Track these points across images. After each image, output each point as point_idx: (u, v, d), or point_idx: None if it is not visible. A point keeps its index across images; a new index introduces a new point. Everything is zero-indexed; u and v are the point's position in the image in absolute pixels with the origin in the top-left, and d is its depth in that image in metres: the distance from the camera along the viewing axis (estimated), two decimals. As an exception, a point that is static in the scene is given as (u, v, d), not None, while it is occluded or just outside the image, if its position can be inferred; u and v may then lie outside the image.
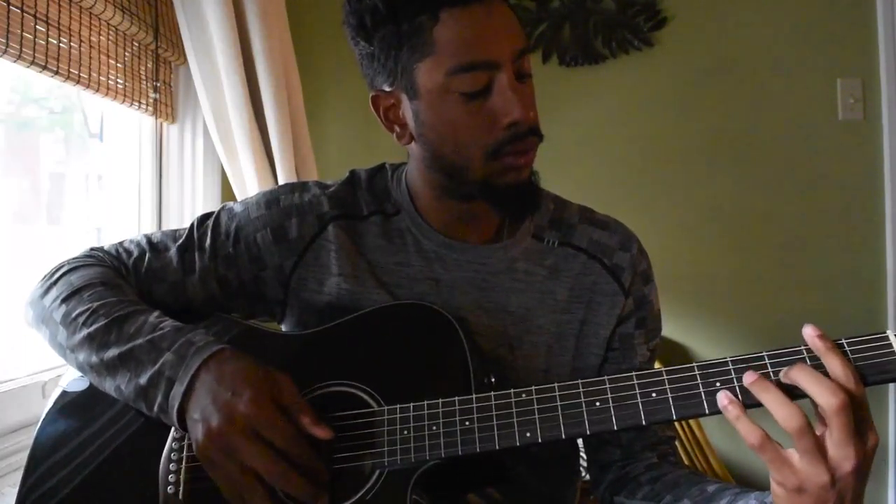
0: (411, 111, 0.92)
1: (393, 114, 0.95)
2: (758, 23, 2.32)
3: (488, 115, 0.88)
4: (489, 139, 0.89)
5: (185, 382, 0.80)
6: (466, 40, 0.86)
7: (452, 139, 0.90)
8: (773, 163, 2.32)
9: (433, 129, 0.91)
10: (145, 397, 0.83)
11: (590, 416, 0.77)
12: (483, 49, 0.86)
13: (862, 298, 2.29)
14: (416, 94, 0.90)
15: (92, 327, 0.87)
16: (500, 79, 0.87)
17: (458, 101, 0.88)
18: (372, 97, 0.96)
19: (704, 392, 0.75)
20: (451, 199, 0.98)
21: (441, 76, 0.87)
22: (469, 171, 0.92)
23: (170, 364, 0.82)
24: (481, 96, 0.88)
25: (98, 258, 1.00)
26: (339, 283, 0.98)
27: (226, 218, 1.03)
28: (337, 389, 0.88)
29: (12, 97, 1.62)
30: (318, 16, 2.27)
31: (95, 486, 0.89)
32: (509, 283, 1.00)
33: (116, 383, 0.85)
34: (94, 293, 0.91)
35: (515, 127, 0.88)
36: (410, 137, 0.95)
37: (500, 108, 0.88)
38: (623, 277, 1.02)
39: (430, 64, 0.87)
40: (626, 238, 1.05)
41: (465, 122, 0.89)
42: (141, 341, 0.84)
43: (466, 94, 0.87)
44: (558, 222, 1.05)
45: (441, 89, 0.88)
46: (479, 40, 0.86)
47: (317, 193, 1.03)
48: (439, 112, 0.89)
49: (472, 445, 0.79)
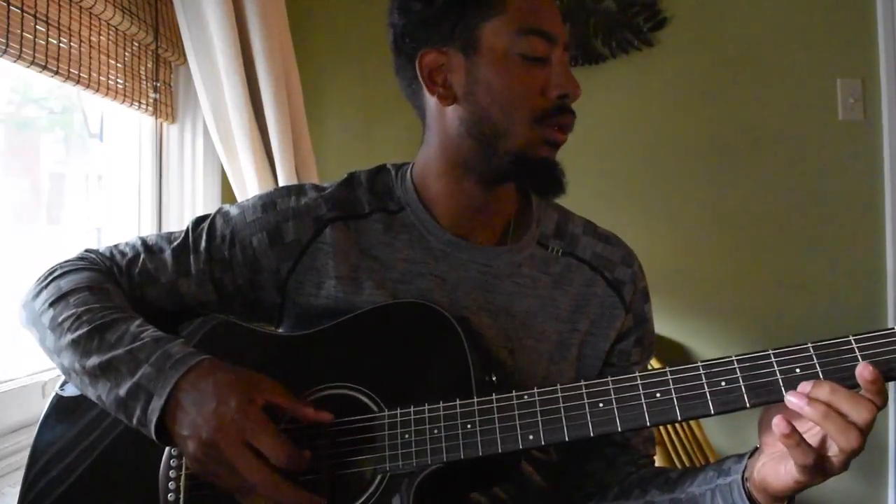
0: (465, 70, 0.94)
1: (439, 74, 0.95)
2: (758, 23, 2.31)
3: (542, 81, 0.93)
4: (538, 105, 0.93)
5: (164, 397, 0.79)
6: (537, 8, 0.93)
7: (503, 99, 0.93)
8: (773, 163, 2.31)
9: (486, 87, 0.93)
10: (125, 409, 0.82)
11: (593, 417, 0.77)
12: (549, 21, 0.93)
13: (862, 298, 2.29)
14: (476, 51, 0.93)
15: (75, 333, 0.86)
16: (557, 53, 0.94)
17: (518, 62, 0.92)
18: (421, 55, 0.95)
19: (709, 392, 0.74)
20: (470, 181, 0.98)
21: (508, 36, 0.92)
22: (509, 137, 0.94)
23: (147, 377, 0.81)
24: (540, 62, 0.93)
25: (91, 261, 0.99)
26: (335, 286, 0.97)
27: (221, 221, 1.02)
28: (336, 392, 0.87)
29: (12, 97, 1.62)
30: (318, 16, 2.26)
31: (95, 492, 0.89)
32: (513, 286, 0.99)
33: (98, 392, 0.84)
34: (79, 298, 0.90)
35: (564, 100, 0.94)
36: (454, 99, 0.95)
37: (555, 79, 0.93)
38: (624, 292, 1.02)
39: (499, 23, 0.92)
40: (627, 254, 1.06)
41: (520, 84, 0.92)
42: (121, 351, 0.83)
43: (528, 58, 0.92)
44: (563, 232, 1.05)
45: (505, 48, 0.92)
46: (546, 12, 0.94)
47: (314, 196, 1.02)
48: (497, 70, 0.93)
49: (475, 449, 0.79)
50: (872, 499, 2.26)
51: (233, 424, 0.76)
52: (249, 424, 0.76)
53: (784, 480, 0.74)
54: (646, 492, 0.93)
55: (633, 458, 1.01)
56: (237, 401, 0.77)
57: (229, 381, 0.80)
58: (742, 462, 0.81)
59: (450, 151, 0.98)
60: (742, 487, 0.80)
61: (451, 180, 0.99)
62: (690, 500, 0.87)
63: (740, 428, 2.20)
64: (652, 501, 0.92)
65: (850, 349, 0.72)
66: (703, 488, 0.86)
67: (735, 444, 2.19)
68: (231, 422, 0.76)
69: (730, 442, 2.21)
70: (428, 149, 1.01)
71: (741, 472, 0.81)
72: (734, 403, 0.73)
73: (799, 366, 0.73)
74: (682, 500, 0.88)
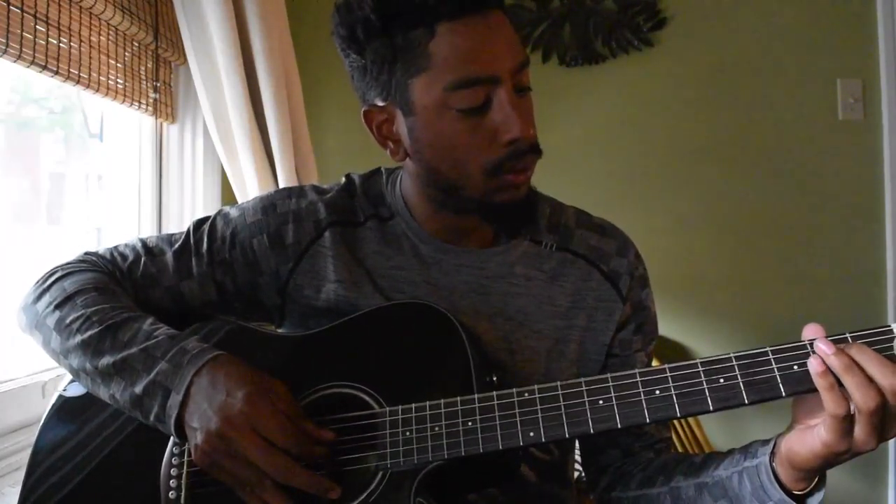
0: (406, 127, 0.90)
1: (387, 129, 0.93)
2: (758, 23, 2.32)
3: (487, 131, 0.86)
4: (488, 156, 0.87)
5: (182, 391, 0.80)
6: (464, 55, 0.83)
7: (449, 156, 0.89)
8: (773, 163, 2.32)
9: (429, 146, 0.89)
10: (140, 406, 0.82)
11: (593, 414, 0.77)
12: (482, 64, 0.84)
13: (862, 298, 2.29)
14: (410, 110, 0.88)
15: (86, 334, 0.86)
16: (500, 94, 0.85)
17: (455, 117, 0.86)
18: (364, 112, 0.94)
19: (708, 389, 0.74)
20: (446, 211, 0.98)
21: (437, 92, 0.85)
22: (466, 189, 0.90)
23: (164, 373, 0.81)
24: (480, 112, 0.85)
25: (92, 263, 0.99)
26: (335, 289, 0.97)
27: (222, 223, 1.02)
28: (338, 391, 0.87)
29: (12, 97, 1.62)
30: (318, 16, 2.26)
31: (96, 492, 0.89)
32: (507, 287, 0.99)
33: (111, 391, 0.84)
34: (87, 299, 0.90)
35: (515, 144, 0.86)
36: (405, 154, 0.94)
37: (500, 125, 0.86)
38: (621, 283, 1.02)
39: (426, 79, 0.85)
40: (622, 243, 1.05)
41: (462, 140, 0.87)
42: (135, 350, 0.83)
43: (464, 111, 0.85)
44: (556, 226, 1.04)
45: (437, 105, 0.86)
46: (477, 54, 0.84)
47: (314, 199, 1.02)
48: (436, 129, 0.87)
49: (476, 446, 0.79)
50: (872, 499, 2.26)
51: (241, 415, 0.76)
52: (257, 413, 0.77)
53: (810, 445, 0.73)
54: (670, 478, 0.92)
55: (649, 443, 1.01)
56: (245, 392, 0.78)
57: (240, 374, 0.80)
58: (769, 444, 0.80)
59: (420, 190, 0.98)
60: (770, 468, 0.79)
61: (429, 209, 0.99)
62: (717, 483, 0.85)
63: (739, 426, 2.20)
64: (677, 487, 0.90)
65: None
66: (729, 471, 0.84)
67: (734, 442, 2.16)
68: (239, 412, 0.76)
69: (729, 440, 2.20)
70: (405, 177, 1.01)
71: (769, 453, 0.80)
72: (733, 400, 0.74)
73: (797, 363, 0.73)
74: (708, 484, 0.86)
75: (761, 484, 0.79)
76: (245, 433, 0.76)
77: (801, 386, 0.72)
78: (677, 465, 0.93)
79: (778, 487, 0.78)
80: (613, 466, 1.02)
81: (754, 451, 0.83)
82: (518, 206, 0.93)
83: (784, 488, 0.78)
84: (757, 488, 0.80)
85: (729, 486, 0.84)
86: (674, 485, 0.91)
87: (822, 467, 0.75)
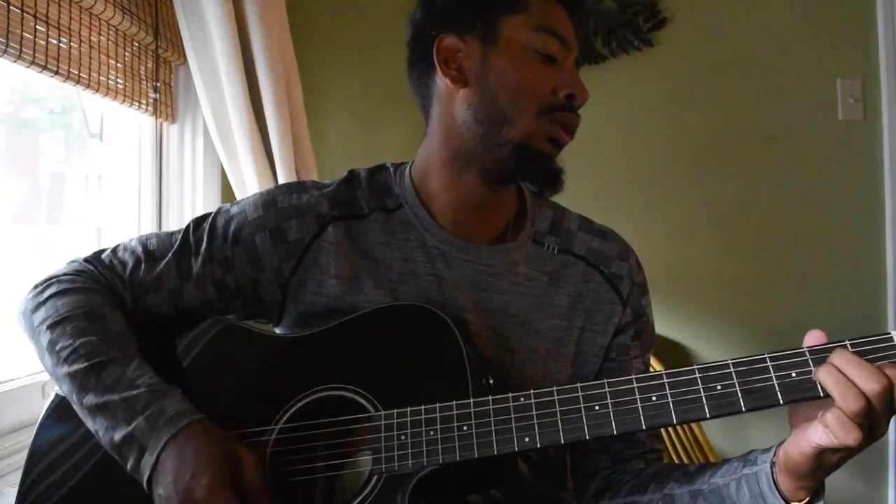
0: (480, 57, 0.97)
1: (454, 59, 0.98)
2: (757, 23, 2.31)
3: (553, 80, 0.96)
4: (546, 99, 0.96)
5: (155, 454, 0.80)
6: (556, 14, 0.98)
7: (514, 87, 0.95)
8: (773, 163, 2.31)
9: (499, 75, 0.96)
10: (119, 453, 0.83)
11: (589, 420, 0.77)
12: (566, 29, 0.98)
13: (862, 298, 2.29)
14: (494, 41, 0.97)
15: (72, 367, 0.87)
16: (570, 59, 0.98)
17: (532, 57, 0.96)
18: (439, 39, 0.99)
19: (705, 396, 0.74)
20: (471, 174, 0.99)
21: (526, 31, 0.96)
22: (514, 124, 0.95)
23: (141, 430, 0.82)
24: (552, 63, 0.97)
25: (89, 275, 0.99)
26: (337, 284, 0.97)
27: (222, 220, 1.02)
28: (333, 394, 0.87)
29: (12, 97, 1.62)
30: (318, 16, 2.26)
31: (92, 489, 0.89)
32: (509, 285, 0.99)
33: (95, 427, 0.85)
34: (76, 327, 0.90)
35: (571, 100, 0.97)
36: (465, 83, 0.97)
37: (565, 80, 0.97)
38: (621, 286, 1.02)
39: (519, 19, 0.96)
40: (623, 248, 1.06)
41: (531, 76, 0.96)
42: (116, 398, 0.84)
43: (542, 54, 0.96)
44: (558, 228, 1.05)
45: (522, 42, 0.96)
46: (564, 21, 0.99)
47: (315, 194, 1.02)
48: (512, 60, 0.96)
49: (471, 451, 0.78)
50: (872, 499, 2.26)
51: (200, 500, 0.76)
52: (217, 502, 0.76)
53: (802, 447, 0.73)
54: (662, 485, 0.92)
55: (639, 453, 1.01)
56: (210, 478, 0.77)
57: (210, 452, 0.80)
58: (770, 452, 0.80)
59: (454, 140, 0.99)
60: (770, 475, 0.79)
61: (452, 172, 1.00)
62: (713, 491, 0.86)
63: (741, 429, 2.20)
64: (671, 494, 0.91)
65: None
66: (727, 479, 0.84)
67: (736, 445, 2.20)
68: (199, 501, 0.76)
69: (730, 443, 2.21)
70: (430, 140, 1.02)
71: (769, 461, 0.79)
72: (730, 407, 0.73)
73: (795, 371, 0.73)
74: (703, 491, 0.87)
75: (760, 492, 0.79)
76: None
77: (799, 393, 0.72)
78: (670, 473, 0.93)
79: (777, 495, 0.78)
80: (603, 473, 1.02)
81: (753, 458, 0.82)
82: (549, 161, 0.99)
83: (783, 497, 0.78)
84: (756, 496, 0.80)
85: (726, 494, 0.84)
86: (667, 492, 0.91)
87: (816, 469, 0.75)
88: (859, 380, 0.70)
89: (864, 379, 0.69)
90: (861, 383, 0.70)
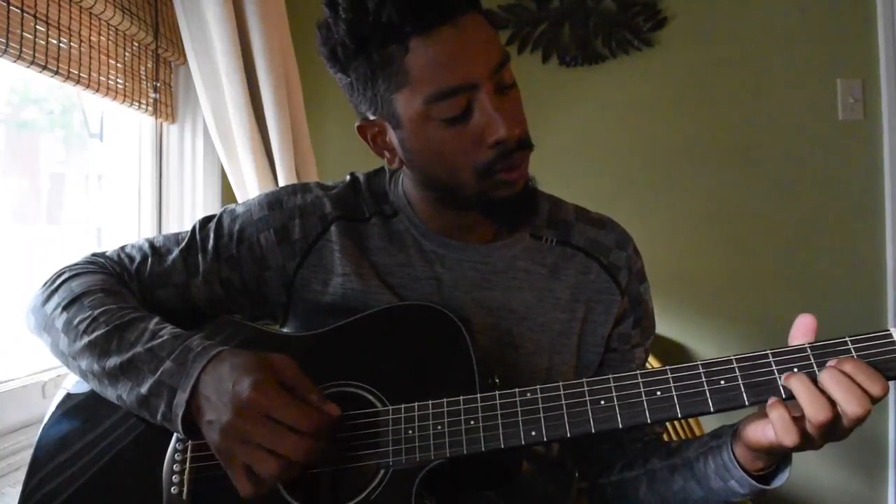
0: (397, 139, 0.92)
1: (381, 140, 0.95)
2: (758, 23, 2.32)
3: (473, 135, 0.87)
4: (478, 159, 0.88)
5: (188, 390, 0.79)
6: (439, 66, 0.84)
7: (441, 163, 0.90)
8: (773, 163, 2.32)
9: (420, 155, 0.91)
10: (147, 406, 0.82)
11: (595, 414, 0.77)
12: (457, 73, 0.84)
13: (862, 298, 2.29)
14: (398, 123, 0.89)
15: (93, 335, 0.86)
16: (481, 98, 0.86)
17: (440, 126, 0.87)
18: (358, 126, 0.96)
19: (709, 390, 0.75)
20: (448, 209, 0.99)
21: (419, 105, 0.86)
22: (463, 189, 0.92)
23: (169, 372, 0.81)
24: (463, 119, 0.86)
25: (99, 264, 1.00)
26: (343, 282, 0.98)
27: (228, 220, 1.03)
28: (342, 390, 0.88)
29: (12, 98, 1.62)
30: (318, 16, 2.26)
31: (98, 486, 0.89)
32: (509, 281, 1.00)
33: (118, 392, 0.84)
34: (94, 299, 0.90)
35: (503, 145, 0.87)
36: (401, 162, 0.95)
37: (485, 128, 0.86)
38: (620, 276, 1.03)
39: (407, 94, 0.86)
40: (621, 237, 1.07)
41: (450, 147, 0.88)
42: (140, 350, 0.83)
43: (447, 120, 0.86)
44: (555, 221, 1.06)
45: (421, 118, 0.87)
46: (452, 64, 0.84)
47: (319, 194, 1.03)
48: (423, 139, 0.89)
49: (478, 445, 0.79)
50: (872, 499, 2.26)
51: (249, 402, 0.75)
52: (266, 399, 0.76)
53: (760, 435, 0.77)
54: (647, 462, 0.96)
55: (639, 436, 1.03)
56: (252, 379, 0.77)
57: (242, 362, 0.79)
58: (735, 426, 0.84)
59: (419, 192, 1.00)
60: (730, 447, 0.83)
61: (431, 208, 1.00)
62: (686, 463, 0.90)
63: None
64: (653, 469, 0.95)
65: (846, 350, 0.74)
66: (697, 452, 0.89)
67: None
68: (247, 400, 0.76)
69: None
70: (405, 178, 1.03)
71: (731, 434, 0.84)
72: (733, 401, 0.74)
73: (797, 365, 0.74)
74: (678, 465, 0.91)
75: (723, 463, 0.83)
76: (256, 420, 0.75)
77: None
78: (656, 450, 0.97)
79: (737, 466, 0.82)
80: (603, 456, 1.04)
81: (720, 432, 0.87)
82: (517, 200, 0.94)
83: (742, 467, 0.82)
84: (720, 467, 0.84)
85: (696, 466, 0.88)
86: (650, 467, 0.95)
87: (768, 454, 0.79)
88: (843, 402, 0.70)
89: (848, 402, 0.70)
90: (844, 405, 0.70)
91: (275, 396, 0.76)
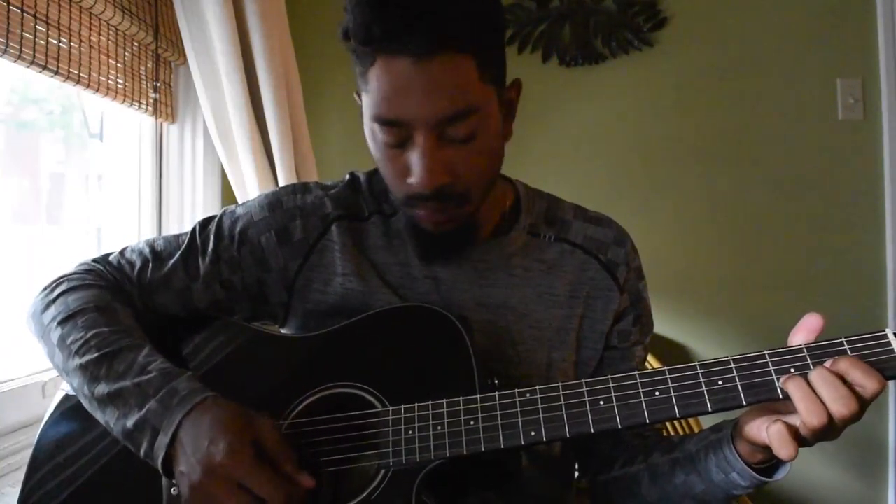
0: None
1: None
2: (758, 23, 2.32)
3: (401, 166, 0.87)
4: (399, 188, 0.89)
5: (169, 434, 0.79)
6: (385, 94, 0.82)
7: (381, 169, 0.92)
8: (773, 163, 2.31)
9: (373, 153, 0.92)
10: (132, 439, 0.82)
11: (594, 415, 0.78)
12: (393, 109, 0.83)
13: (862, 298, 2.29)
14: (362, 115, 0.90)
15: (84, 358, 0.86)
16: (416, 138, 0.84)
17: (381, 141, 0.87)
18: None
19: (707, 391, 0.75)
20: None
21: (368, 115, 0.87)
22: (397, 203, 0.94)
23: (154, 413, 0.81)
24: (400, 146, 0.86)
25: (98, 274, 0.99)
26: (343, 282, 0.98)
27: (228, 221, 1.03)
28: (342, 391, 0.88)
29: (12, 97, 1.62)
30: (318, 16, 2.27)
31: (98, 487, 0.89)
32: (507, 278, 1.00)
33: (105, 418, 0.85)
34: (87, 319, 0.90)
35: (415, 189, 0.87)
36: None
37: (406, 167, 0.87)
38: (618, 273, 1.03)
39: (366, 99, 0.87)
40: (619, 234, 1.07)
41: (384, 164, 0.90)
42: (128, 383, 0.83)
43: (386, 142, 0.87)
44: (553, 219, 1.06)
45: (370, 125, 0.88)
46: (393, 98, 0.82)
47: (319, 195, 1.03)
48: (371, 142, 0.90)
49: (477, 445, 0.79)
50: (872, 499, 2.26)
51: (221, 467, 0.75)
52: (239, 467, 0.75)
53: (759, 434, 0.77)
54: (648, 456, 0.96)
55: (639, 432, 1.03)
56: (228, 442, 0.76)
57: (224, 419, 0.79)
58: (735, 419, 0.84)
59: None
60: (731, 440, 0.83)
61: None
62: (687, 457, 0.90)
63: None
64: (654, 464, 0.94)
65: (842, 350, 0.75)
66: (698, 445, 0.89)
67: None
68: (220, 465, 0.75)
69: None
70: None
71: (732, 427, 0.84)
72: (731, 402, 0.75)
73: (794, 365, 0.75)
74: (679, 459, 0.91)
75: (724, 456, 0.84)
76: (226, 487, 0.75)
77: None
78: (657, 445, 0.97)
79: (738, 458, 0.82)
80: (603, 452, 1.04)
81: (721, 426, 0.87)
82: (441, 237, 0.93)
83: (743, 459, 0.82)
84: (721, 460, 0.84)
85: (697, 460, 0.88)
86: (651, 462, 0.95)
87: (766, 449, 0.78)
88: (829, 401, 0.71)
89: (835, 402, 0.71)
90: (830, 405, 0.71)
91: (248, 465, 0.76)
